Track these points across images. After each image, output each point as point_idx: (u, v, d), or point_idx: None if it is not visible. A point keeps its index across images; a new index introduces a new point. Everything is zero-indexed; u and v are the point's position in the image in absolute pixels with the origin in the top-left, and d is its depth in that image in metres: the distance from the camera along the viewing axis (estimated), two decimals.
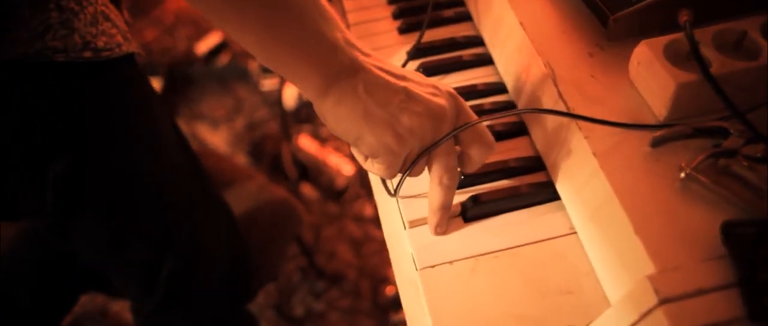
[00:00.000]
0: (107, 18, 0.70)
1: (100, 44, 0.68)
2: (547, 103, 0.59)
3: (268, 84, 1.94)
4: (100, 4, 0.69)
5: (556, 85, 0.58)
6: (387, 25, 0.79)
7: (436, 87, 0.53)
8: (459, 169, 0.56)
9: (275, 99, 1.88)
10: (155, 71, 2.02)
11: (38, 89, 0.68)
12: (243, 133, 1.91)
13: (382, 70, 0.51)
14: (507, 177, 0.61)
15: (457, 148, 0.55)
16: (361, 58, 0.50)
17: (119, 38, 0.71)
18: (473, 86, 0.70)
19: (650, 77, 0.55)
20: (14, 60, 0.64)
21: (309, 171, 1.65)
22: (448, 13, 0.78)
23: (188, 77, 2.11)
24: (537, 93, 0.61)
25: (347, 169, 1.63)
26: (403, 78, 0.52)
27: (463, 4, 0.79)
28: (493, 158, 0.59)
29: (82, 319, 1.43)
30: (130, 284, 0.90)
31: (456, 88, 0.56)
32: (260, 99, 1.96)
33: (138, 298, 0.93)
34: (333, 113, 0.50)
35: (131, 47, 0.73)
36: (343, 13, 0.82)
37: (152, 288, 0.86)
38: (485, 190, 0.60)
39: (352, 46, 0.50)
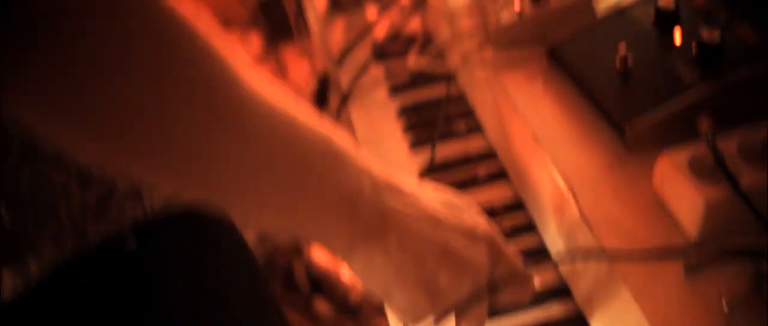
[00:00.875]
0: None
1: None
2: (568, 223, 0.57)
3: None
4: None
5: (577, 203, 0.56)
6: (397, 139, 0.78)
7: (474, 231, 0.47)
8: None
9: None
10: None
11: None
12: (255, 244, 1.88)
13: (418, 217, 0.45)
14: (533, 306, 0.57)
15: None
16: (393, 204, 0.44)
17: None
18: (490, 207, 0.67)
19: (676, 194, 0.53)
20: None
21: (322, 285, 1.62)
22: (460, 125, 0.77)
23: None
24: (557, 211, 0.59)
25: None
26: (438, 224, 0.46)
27: (474, 114, 0.79)
28: None
29: None
30: None
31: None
32: None
33: None
34: (361, 273, 0.45)
35: None
36: (351, 127, 0.82)
37: None
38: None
39: (382, 188, 0.44)
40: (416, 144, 0.77)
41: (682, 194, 0.52)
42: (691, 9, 0.65)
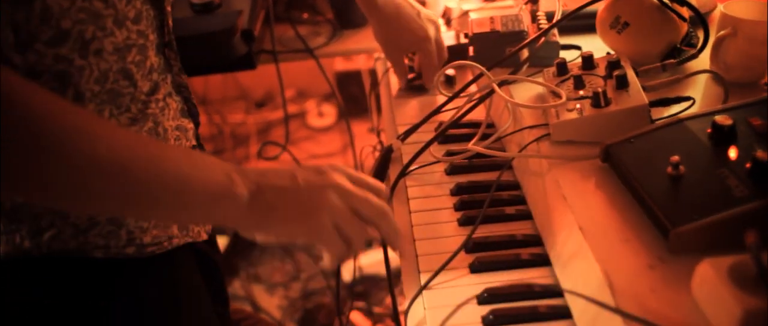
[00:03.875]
0: None
1: (147, 239, 0.66)
2: (605, 315, 0.57)
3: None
4: None
5: (613, 297, 0.57)
6: (448, 216, 0.81)
7: (319, 169, 0.61)
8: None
9: (333, 271, 1.90)
10: (223, 231, 2.10)
11: (67, 287, 0.65)
12: (297, 300, 1.90)
13: (276, 175, 0.60)
14: None
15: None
16: (252, 176, 0.58)
17: (174, 230, 0.69)
18: (529, 286, 0.69)
19: (714, 299, 0.53)
20: (51, 255, 0.63)
21: None
22: (510, 210, 0.79)
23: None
24: (592, 306, 0.60)
25: None
26: (293, 174, 0.60)
27: (524, 202, 0.81)
28: None
29: None
30: None
31: (512, 287, 0.63)
32: (319, 269, 1.98)
33: None
34: (251, 235, 0.60)
35: (186, 239, 0.70)
36: (406, 199, 0.85)
37: None
38: None
39: (236, 170, 0.58)
40: (465, 222, 0.79)
41: (720, 299, 0.52)
42: (747, 127, 0.67)
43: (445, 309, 0.65)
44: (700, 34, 0.88)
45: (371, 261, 1.90)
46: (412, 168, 0.88)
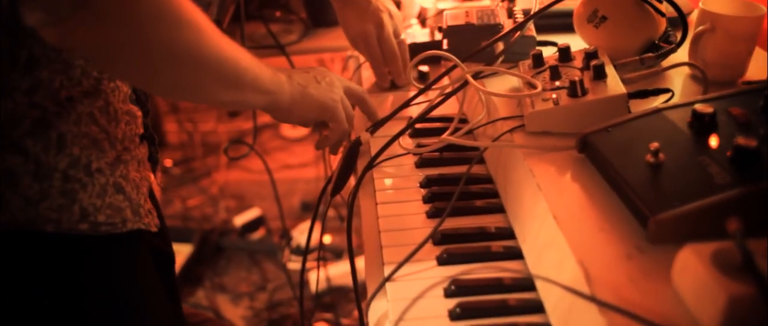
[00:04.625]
0: (121, 190, 0.66)
1: (101, 218, 0.65)
2: (580, 305, 0.53)
3: (294, 264, 1.91)
4: (117, 176, 0.66)
5: (589, 286, 0.53)
6: (416, 208, 0.77)
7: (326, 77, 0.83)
8: None
9: (298, 280, 1.84)
10: (188, 238, 2.03)
11: (20, 262, 0.63)
12: (262, 311, 1.83)
13: (301, 76, 0.80)
14: None
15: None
16: (287, 73, 0.79)
17: (127, 213, 0.67)
18: (499, 280, 0.64)
19: (696, 287, 0.49)
20: None
21: None
22: (481, 203, 0.75)
23: (219, 247, 2.10)
24: (566, 297, 0.56)
25: None
26: (315, 80, 0.82)
27: (496, 195, 0.77)
28: None
29: None
30: None
31: (480, 280, 0.61)
32: (285, 279, 1.91)
33: None
34: (279, 116, 0.79)
35: (140, 224, 0.69)
36: (373, 193, 0.81)
37: None
38: None
39: (279, 70, 0.77)
40: (434, 215, 0.75)
41: (703, 286, 0.48)
42: (728, 116, 0.64)
43: (408, 301, 0.61)
44: (678, 34, 0.86)
45: (339, 272, 1.85)
46: (380, 159, 0.84)
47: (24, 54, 0.59)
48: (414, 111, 0.94)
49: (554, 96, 0.74)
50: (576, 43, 0.88)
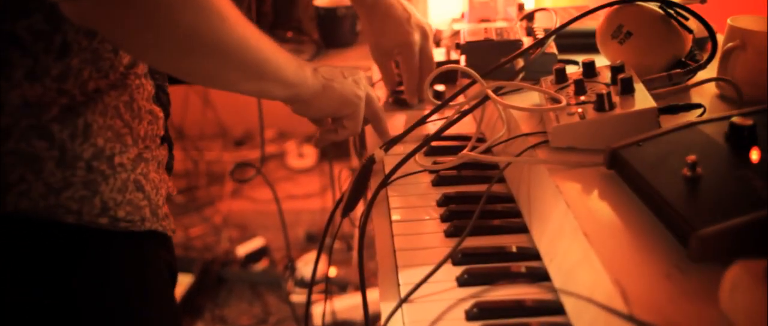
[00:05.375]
0: (140, 188, 0.66)
1: (121, 214, 0.64)
2: None
3: (298, 296, 1.85)
4: (138, 173, 0.65)
5: (627, 306, 0.48)
6: (434, 227, 0.73)
7: (355, 75, 0.83)
8: None
9: (303, 313, 1.78)
10: (189, 268, 1.98)
11: (39, 252, 0.61)
12: None
13: (327, 72, 0.80)
14: None
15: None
16: (314, 68, 0.78)
17: (146, 212, 0.66)
18: (520, 302, 0.60)
19: (750, 306, 0.45)
20: (17, 215, 0.59)
21: None
22: (499, 222, 0.71)
23: (221, 278, 2.05)
24: (601, 319, 0.51)
25: None
26: (340, 76, 0.81)
27: (518, 215, 0.73)
28: None
29: None
30: None
31: (504, 302, 0.58)
32: (289, 312, 1.85)
33: None
34: (299, 110, 0.79)
35: (158, 225, 0.68)
36: (388, 212, 0.77)
37: None
38: None
39: (306, 64, 0.76)
40: (452, 234, 0.71)
41: (757, 307, 0.44)
42: (766, 129, 0.61)
43: (427, 324, 0.56)
44: (704, 54, 0.83)
45: (346, 305, 1.79)
46: (395, 176, 0.80)
47: (58, 38, 0.58)
48: (429, 130, 0.91)
49: (580, 110, 0.70)
50: (598, 62, 0.85)
